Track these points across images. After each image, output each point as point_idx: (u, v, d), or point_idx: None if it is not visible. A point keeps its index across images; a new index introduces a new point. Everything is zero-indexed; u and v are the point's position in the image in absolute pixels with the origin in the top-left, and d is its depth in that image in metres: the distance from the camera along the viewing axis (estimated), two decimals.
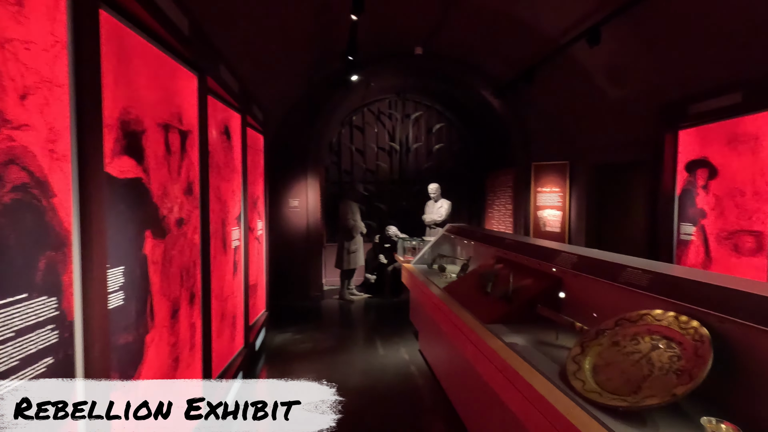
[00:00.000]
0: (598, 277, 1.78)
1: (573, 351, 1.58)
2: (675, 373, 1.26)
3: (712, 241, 3.53)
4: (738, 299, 1.23)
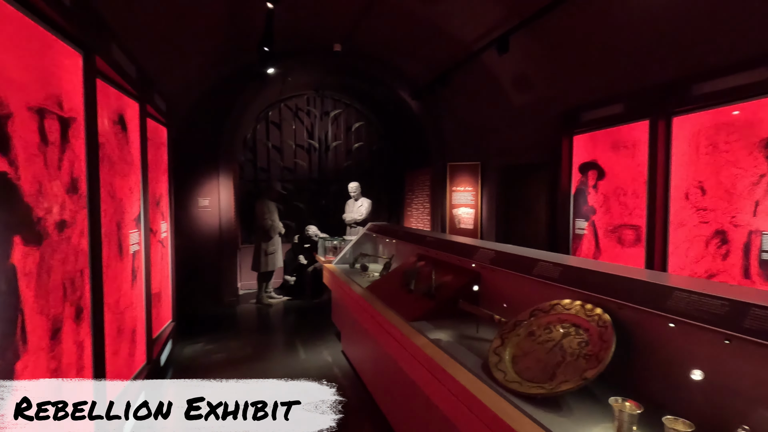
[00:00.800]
0: (514, 271, 1.88)
1: (494, 343, 1.64)
2: (584, 358, 1.36)
3: (600, 235, 3.98)
4: (631, 286, 1.36)
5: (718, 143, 2.96)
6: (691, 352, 1.19)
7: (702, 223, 3.07)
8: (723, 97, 2.89)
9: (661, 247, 3.38)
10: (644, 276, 1.37)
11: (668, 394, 1.24)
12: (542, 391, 1.32)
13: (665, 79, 3.28)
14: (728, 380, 1.09)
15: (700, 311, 1.10)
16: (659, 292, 1.23)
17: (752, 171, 2.75)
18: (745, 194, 2.79)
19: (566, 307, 1.58)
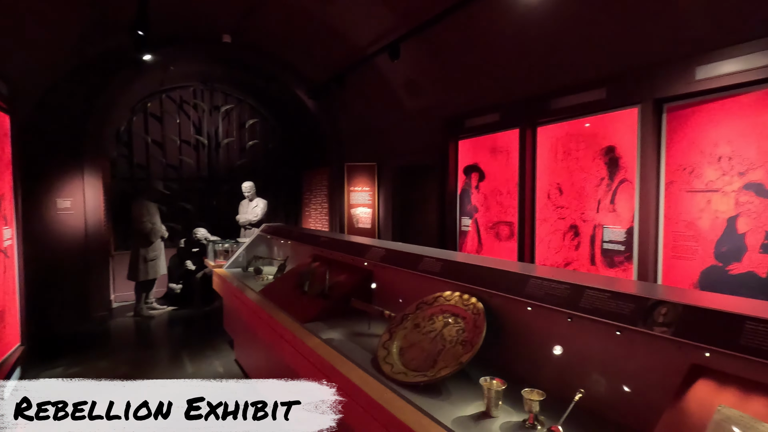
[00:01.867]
0: (402, 267, 1.98)
1: (382, 338, 1.71)
2: (461, 344, 1.49)
3: (482, 231, 4.39)
4: (497, 276, 1.53)
5: (570, 151, 3.47)
6: (544, 331, 1.38)
7: (560, 219, 3.58)
8: (573, 111, 3.40)
9: (529, 240, 3.85)
10: (508, 267, 1.55)
11: (528, 369, 1.42)
12: (425, 378, 1.42)
13: (531, 93, 3.74)
14: (571, 352, 1.29)
15: (550, 295, 1.28)
16: (519, 280, 1.40)
17: (596, 174, 3.29)
18: (591, 194, 3.32)
19: (447, 299, 1.71)
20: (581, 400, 1.13)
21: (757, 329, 0.87)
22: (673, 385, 0.99)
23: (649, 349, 1.10)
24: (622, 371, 1.16)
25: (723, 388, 0.94)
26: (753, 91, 2.45)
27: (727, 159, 2.58)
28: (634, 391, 1.13)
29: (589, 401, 1.16)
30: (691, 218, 2.74)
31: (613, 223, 3.17)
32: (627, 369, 1.15)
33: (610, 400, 1.17)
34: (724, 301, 1.07)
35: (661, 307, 1.02)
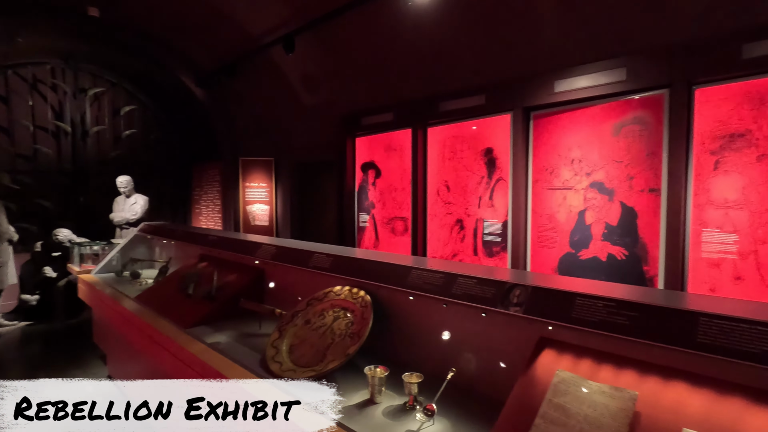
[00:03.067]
0: (293, 265, 1.95)
1: (272, 337, 1.67)
2: (349, 337, 1.53)
3: (379, 226, 4.53)
4: (386, 270, 1.60)
5: (456, 151, 3.76)
6: (424, 317, 1.48)
7: (448, 214, 3.85)
8: (458, 114, 3.69)
9: (422, 234, 4.08)
10: (393, 260, 1.63)
11: (411, 355, 1.52)
12: (313, 373, 1.43)
13: (422, 95, 3.96)
14: (446, 335, 1.41)
15: (428, 284, 1.38)
16: (402, 272, 1.48)
17: (477, 173, 3.61)
18: (473, 191, 3.64)
19: (337, 293, 1.74)
20: (454, 378, 1.25)
21: (584, 304, 1.05)
22: (526, 356, 1.15)
23: (508, 326, 1.26)
24: (487, 348, 1.31)
25: (562, 354, 1.11)
26: (597, 104, 2.92)
27: (578, 161, 3.03)
28: (496, 364, 1.27)
29: (461, 378, 1.28)
30: (552, 212, 3.17)
31: (491, 217, 3.52)
32: (491, 346, 1.30)
33: (477, 374, 1.31)
34: (564, 282, 1.27)
35: (515, 289, 1.17)
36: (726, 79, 2.43)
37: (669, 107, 2.63)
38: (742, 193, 2.40)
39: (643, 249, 2.75)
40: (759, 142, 2.35)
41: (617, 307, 0.99)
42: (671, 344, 0.88)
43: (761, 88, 2.33)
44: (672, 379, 0.92)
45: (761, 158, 2.34)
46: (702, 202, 2.53)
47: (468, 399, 1.26)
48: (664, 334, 0.90)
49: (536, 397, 1.02)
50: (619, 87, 2.79)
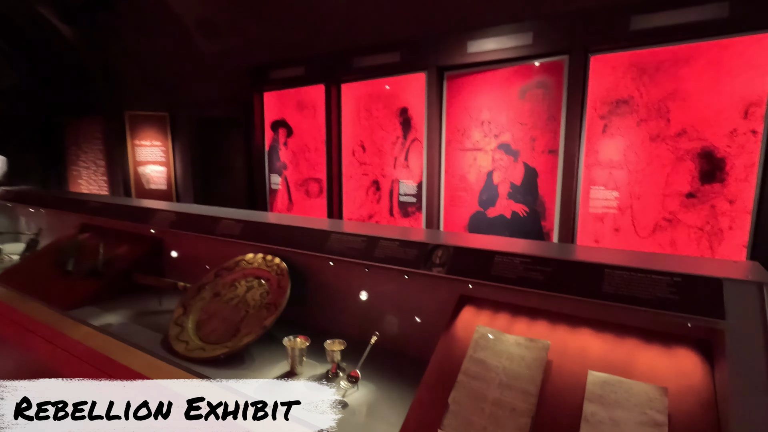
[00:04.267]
0: (197, 233, 1.75)
1: (175, 313, 1.50)
2: (265, 308, 1.43)
3: (292, 188, 4.33)
4: (302, 234, 1.50)
5: (371, 110, 3.66)
6: (346, 283, 1.43)
7: (363, 176, 3.80)
8: (373, 71, 3.56)
9: (337, 196, 3.99)
10: (309, 224, 1.53)
11: (334, 322, 1.47)
12: (225, 350, 1.31)
13: (335, 49, 3.74)
14: (369, 299, 1.38)
15: (349, 248, 1.32)
16: (320, 236, 1.40)
17: (392, 133, 3.57)
18: (389, 152, 3.61)
19: (249, 262, 1.60)
20: (379, 342, 1.23)
21: (502, 261, 1.07)
22: (448, 314, 1.16)
23: (430, 286, 1.26)
24: (409, 310, 1.31)
25: (481, 311, 1.14)
26: (506, 67, 3.01)
27: (487, 123, 3.14)
28: (419, 325, 1.28)
29: (385, 341, 1.27)
30: (463, 173, 3.28)
31: (406, 178, 3.55)
32: (413, 307, 1.30)
33: (401, 337, 1.31)
34: (482, 241, 1.29)
35: (437, 250, 1.16)
36: (616, 48, 2.64)
37: (568, 72, 2.80)
38: (624, 154, 2.70)
39: (542, 206, 2.99)
40: (639, 108, 2.62)
41: (533, 263, 1.03)
42: (580, 295, 0.94)
43: (643, 59, 2.58)
44: (579, 327, 1.00)
45: (640, 123, 2.63)
46: (591, 162, 2.80)
47: (393, 362, 1.26)
48: (574, 286, 0.96)
49: (458, 355, 1.04)
50: (525, 51, 2.90)
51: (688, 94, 2.49)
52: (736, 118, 2.37)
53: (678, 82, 2.51)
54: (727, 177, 2.42)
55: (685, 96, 2.50)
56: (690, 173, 2.52)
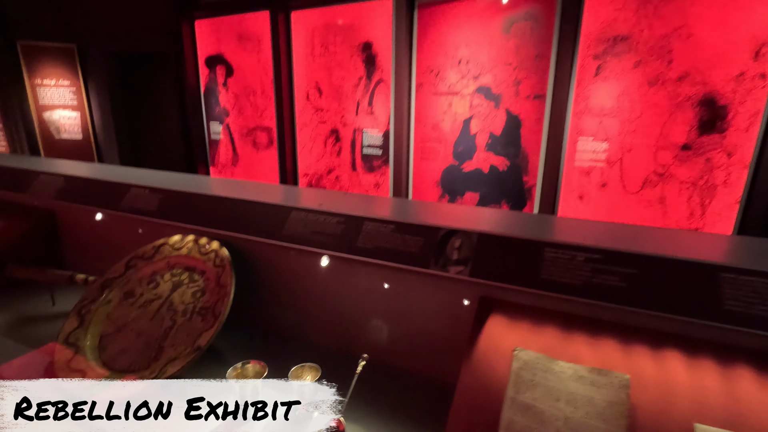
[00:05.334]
0: (96, 207, 1.26)
1: (66, 326, 1.05)
2: (199, 314, 1.02)
3: (237, 139, 3.73)
4: (250, 211, 1.07)
5: (328, 45, 3.09)
6: (316, 279, 1.04)
7: (321, 123, 3.29)
8: None
9: (290, 148, 3.47)
10: (260, 195, 1.10)
11: (299, 336, 1.09)
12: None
13: None
14: (351, 299, 1.00)
15: (318, 234, 0.91)
16: (277, 215, 0.98)
17: (354, 73, 3.05)
18: (350, 95, 3.11)
19: (176, 247, 1.16)
20: (369, 367, 0.87)
21: (555, 257, 0.72)
22: (465, 325, 0.82)
23: (439, 286, 0.90)
24: (409, 315, 0.95)
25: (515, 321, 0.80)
26: None
27: (465, 63, 2.71)
28: (426, 339, 0.93)
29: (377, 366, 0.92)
30: (436, 121, 2.88)
31: (371, 126, 3.09)
32: (416, 311, 0.94)
33: (400, 358, 0.96)
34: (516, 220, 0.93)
35: (454, 239, 0.79)
36: None
37: (562, 2, 2.40)
38: (617, 100, 2.41)
39: (524, 159, 2.69)
40: (638, 47, 2.30)
41: (605, 261, 0.68)
42: (688, 315, 0.62)
43: None
44: (668, 348, 0.68)
45: (638, 65, 2.32)
46: (581, 109, 2.49)
47: (389, 396, 0.91)
48: (676, 301, 0.63)
49: (492, 391, 0.70)
50: None
51: (694, 31, 2.19)
52: (746, 60, 2.11)
53: (685, 16, 2.19)
54: (727, 127, 2.20)
55: (690, 33, 2.20)
56: (688, 123, 2.28)
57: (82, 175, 1.38)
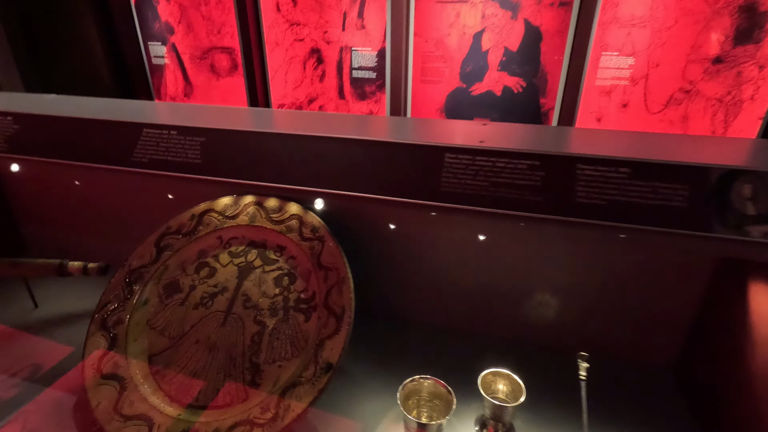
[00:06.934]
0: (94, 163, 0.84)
1: (90, 349, 0.69)
2: (299, 311, 0.71)
3: (188, 64, 3.06)
4: (353, 150, 0.73)
5: None
6: (456, 238, 0.76)
7: (297, 42, 2.74)
8: None
9: (260, 73, 2.92)
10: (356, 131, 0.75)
11: (435, 306, 0.82)
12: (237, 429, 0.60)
13: None
14: (504, 261, 0.74)
15: (491, 185, 0.61)
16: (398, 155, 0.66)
17: None
18: (335, 5, 2.57)
19: (228, 214, 0.80)
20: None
21: None
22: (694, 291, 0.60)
23: (671, 245, 0.66)
24: (622, 289, 0.71)
25: None
26: None
27: None
28: (649, 329, 0.71)
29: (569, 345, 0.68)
30: (441, 35, 2.48)
31: (362, 44, 2.62)
32: (631, 284, 0.70)
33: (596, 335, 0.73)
34: None
35: (743, 181, 0.53)
36: None
37: None
38: (650, 7, 2.16)
39: (543, 79, 2.43)
40: None
41: None
42: None
43: None
44: None
45: None
46: (608, 19, 2.23)
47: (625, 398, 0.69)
48: None
49: None
50: None
51: None
52: None
53: None
54: (765, 36, 2.06)
55: None
56: (724, 32, 2.11)
57: (35, 111, 0.91)
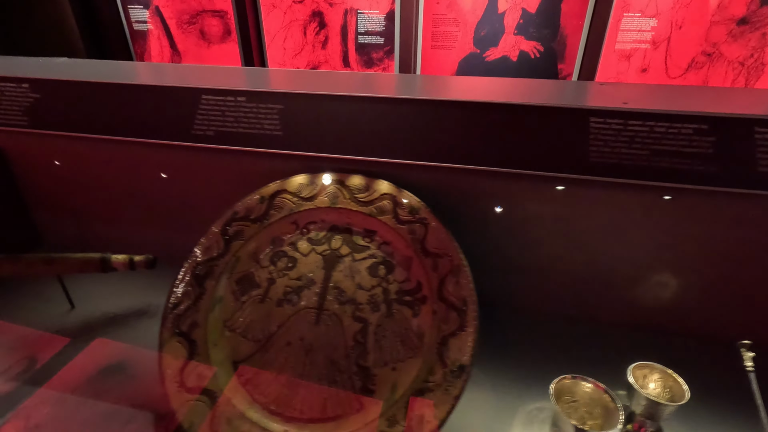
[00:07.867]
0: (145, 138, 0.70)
1: (167, 357, 0.58)
2: (404, 304, 0.62)
3: (174, 29, 2.80)
4: (448, 113, 0.62)
5: None
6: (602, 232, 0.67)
7: (296, 3, 2.53)
8: None
9: (256, 39, 2.70)
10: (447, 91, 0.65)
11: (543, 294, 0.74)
12: None
13: None
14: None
15: (631, 154, 0.52)
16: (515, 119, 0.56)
17: None
18: None
19: (303, 195, 0.69)
20: None
21: None
22: None
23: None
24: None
25: None
26: None
27: None
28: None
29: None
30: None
31: (369, 6, 2.44)
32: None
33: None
34: None
35: None
36: None
37: None
38: None
39: (561, 43, 2.32)
40: None
41: None
42: None
43: None
44: None
45: None
46: None
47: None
48: None
49: None
50: None
51: None
52: None
53: None
54: None
55: None
56: None
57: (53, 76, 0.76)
